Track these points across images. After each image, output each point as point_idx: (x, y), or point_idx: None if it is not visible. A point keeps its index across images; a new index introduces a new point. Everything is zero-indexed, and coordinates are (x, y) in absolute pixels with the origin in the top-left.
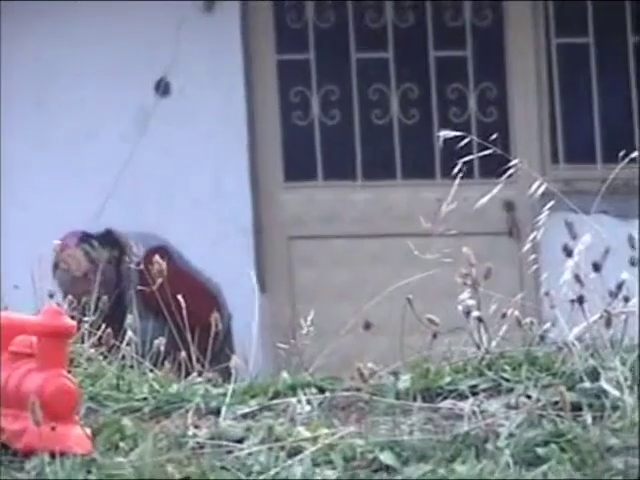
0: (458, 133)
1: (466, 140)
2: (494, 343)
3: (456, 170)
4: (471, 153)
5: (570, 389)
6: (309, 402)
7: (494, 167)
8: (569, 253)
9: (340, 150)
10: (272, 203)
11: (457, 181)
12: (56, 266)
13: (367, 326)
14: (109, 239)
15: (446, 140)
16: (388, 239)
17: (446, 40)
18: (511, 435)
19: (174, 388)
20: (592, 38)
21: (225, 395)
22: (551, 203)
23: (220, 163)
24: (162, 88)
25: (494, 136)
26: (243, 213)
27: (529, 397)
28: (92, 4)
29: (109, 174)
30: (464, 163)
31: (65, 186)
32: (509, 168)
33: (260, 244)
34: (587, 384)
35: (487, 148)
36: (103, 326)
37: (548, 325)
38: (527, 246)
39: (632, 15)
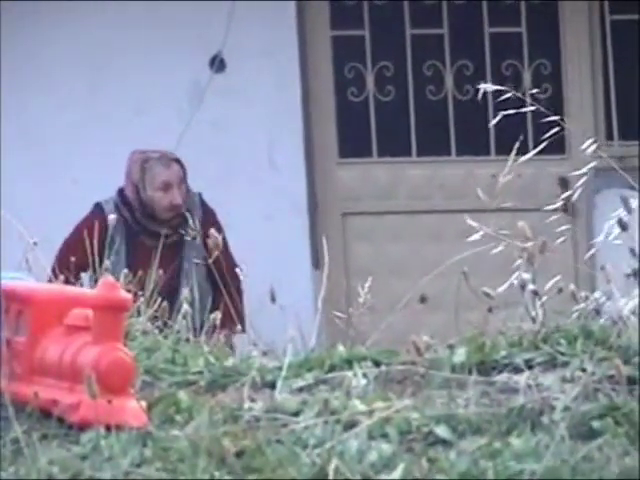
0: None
1: (525, 110)
2: (549, 317)
3: (515, 147)
4: (526, 129)
5: (626, 363)
6: (365, 375)
7: (549, 143)
8: (624, 227)
9: (395, 126)
10: (327, 179)
11: (512, 157)
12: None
13: (423, 300)
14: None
15: (506, 119)
16: (443, 215)
17: (501, 17)
18: (566, 408)
19: (230, 361)
20: None
21: (281, 369)
22: (605, 179)
23: (275, 139)
24: (217, 64)
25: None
26: (298, 189)
27: (584, 370)
28: None
29: (164, 148)
30: (520, 140)
31: (118, 161)
32: (564, 145)
33: (315, 220)
34: None
35: (542, 125)
36: (159, 300)
37: (603, 299)
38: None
39: None
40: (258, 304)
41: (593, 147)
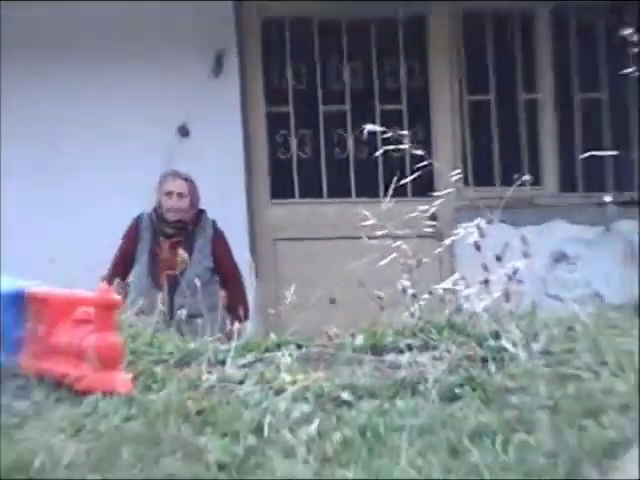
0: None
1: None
2: (424, 313)
3: (392, 191)
4: (406, 179)
5: (479, 346)
6: (290, 355)
7: (424, 188)
8: (478, 248)
9: (311, 176)
10: (262, 214)
11: (391, 199)
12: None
13: (332, 301)
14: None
15: (391, 170)
16: (348, 240)
17: (388, 97)
18: (436, 380)
19: (192, 345)
20: (493, 95)
21: (229, 350)
22: (464, 214)
23: (222, 186)
24: (182, 132)
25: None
26: (241, 221)
27: (449, 352)
28: (117, 66)
29: (139, 196)
30: (401, 186)
31: (117, 205)
32: (433, 189)
33: (253, 245)
34: (492, 342)
35: (418, 175)
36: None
37: (463, 300)
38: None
39: (522, 77)
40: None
41: (453, 191)
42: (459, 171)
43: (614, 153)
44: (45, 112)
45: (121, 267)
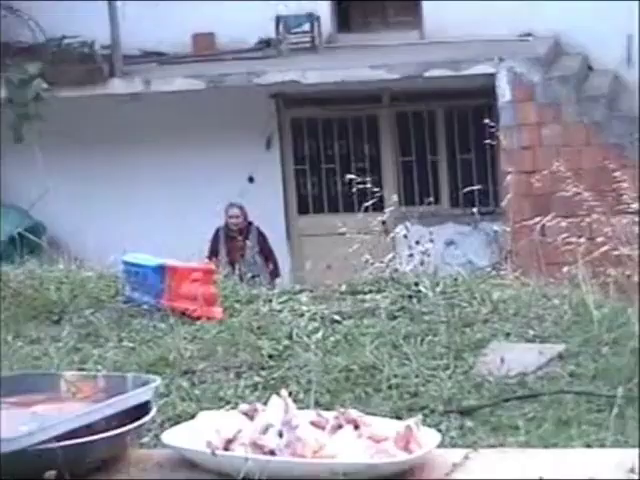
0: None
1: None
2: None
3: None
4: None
5: (407, 289)
6: (307, 296)
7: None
8: (405, 237)
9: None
10: (293, 223)
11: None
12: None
13: (329, 267)
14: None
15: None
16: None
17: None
18: (385, 308)
19: (254, 291)
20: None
21: (274, 294)
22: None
23: (271, 208)
24: (250, 180)
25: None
26: (281, 227)
27: (392, 293)
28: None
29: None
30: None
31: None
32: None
33: (289, 239)
34: (414, 288)
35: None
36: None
37: (398, 265)
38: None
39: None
40: None
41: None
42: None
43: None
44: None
45: (213, 256)
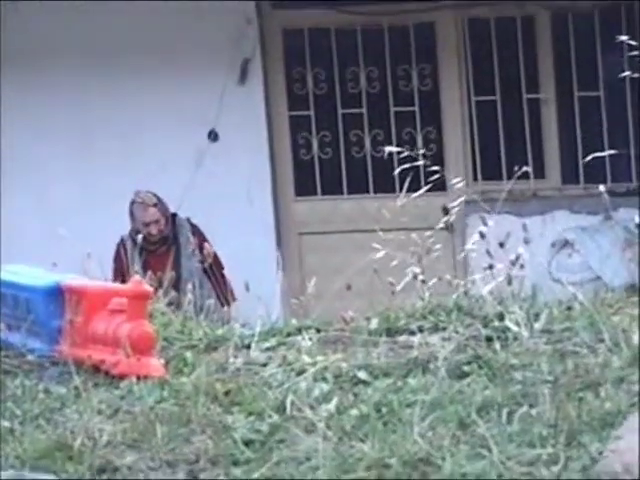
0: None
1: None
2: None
3: (406, 186)
4: (419, 175)
5: (485, 327)
6: (310, 339)
7: (435, 183)
8: (483, 236)
9: (332, 175)
10: (287, 210)
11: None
12: (132, 203)
13: (348, 288)
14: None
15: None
16: (365, 233)
17: (401, 100)
18: (445, 359)
19: (219, 331)
20: (499, 95)
21: (254, 335)
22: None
23: (251, 185)
24: (212, 136)
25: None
26: (267, 215)
27: (457, 332)
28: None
29: (174, 195)
30: (415, 182)
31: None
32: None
33: (279, 238)
34: (496, 323)
35: (432, 170)
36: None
37: (470, 285)
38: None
39: (525, 78)
40: (241, 296)
41: (462, 185)
42: (469, 167)
43: (613, 152)
44: (82, 118)
45: (119, 277)
